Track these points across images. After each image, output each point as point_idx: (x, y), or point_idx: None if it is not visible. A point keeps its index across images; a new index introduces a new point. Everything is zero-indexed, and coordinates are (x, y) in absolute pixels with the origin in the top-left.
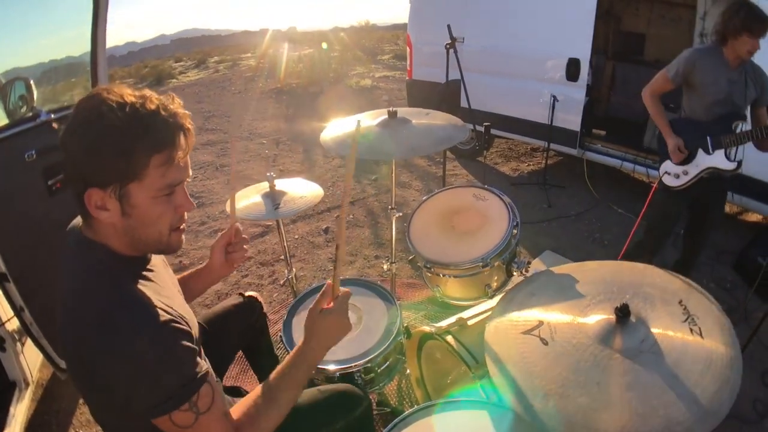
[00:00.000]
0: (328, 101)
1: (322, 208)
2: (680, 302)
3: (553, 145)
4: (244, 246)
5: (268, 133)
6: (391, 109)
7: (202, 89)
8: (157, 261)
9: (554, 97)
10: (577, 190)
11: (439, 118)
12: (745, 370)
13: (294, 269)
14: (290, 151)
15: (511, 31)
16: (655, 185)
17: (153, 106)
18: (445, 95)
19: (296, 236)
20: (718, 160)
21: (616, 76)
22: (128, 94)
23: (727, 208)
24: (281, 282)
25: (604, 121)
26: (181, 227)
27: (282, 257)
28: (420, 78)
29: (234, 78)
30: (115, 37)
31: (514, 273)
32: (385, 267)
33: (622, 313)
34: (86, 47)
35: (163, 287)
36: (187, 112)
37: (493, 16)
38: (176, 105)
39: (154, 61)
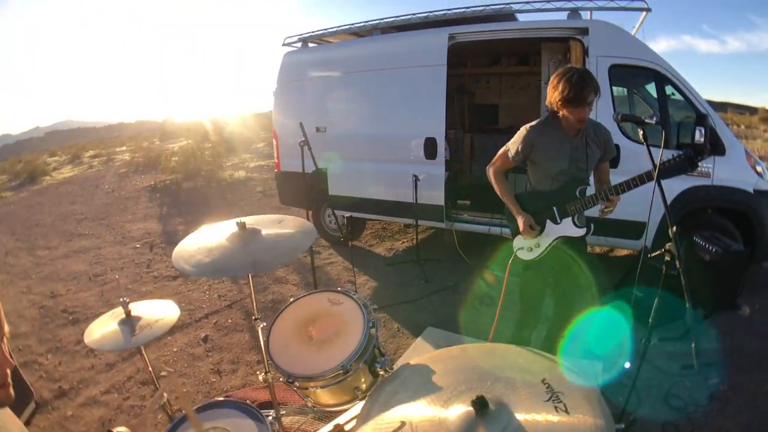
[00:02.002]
0: (202, 197)
1: (200, 315)
2: (543, 381)
3: (421, 221)
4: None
5: (142, 235)
6: (239, 221)
7: (76, 188)
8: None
9: (416, 176)
10: (451, 261)
11: (290, 225)
12: (648, 397)
13: (165, 394)
14: (165, 254)
15: (371, 118)
16: (510, 260)
17: None
18: (311, 185)
19: (174, 349)
20: (566, 228)
21: (474, 147)
22: None
23: (598, 249)
24: (155, 407)
25: (468, 189)
26: (5, 384)
27: (163, 373)
28: (287, 169)
29: (108, 175)
30: None
31: (380, 373)
32: (260, 377)
33: (479, 404)
34: None
35: None
36: None
37: (352, 104)
38: None
39: (29, 155)
